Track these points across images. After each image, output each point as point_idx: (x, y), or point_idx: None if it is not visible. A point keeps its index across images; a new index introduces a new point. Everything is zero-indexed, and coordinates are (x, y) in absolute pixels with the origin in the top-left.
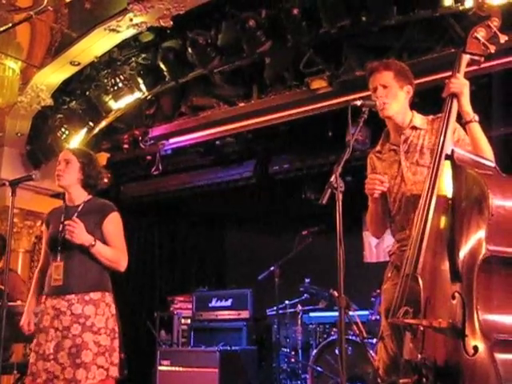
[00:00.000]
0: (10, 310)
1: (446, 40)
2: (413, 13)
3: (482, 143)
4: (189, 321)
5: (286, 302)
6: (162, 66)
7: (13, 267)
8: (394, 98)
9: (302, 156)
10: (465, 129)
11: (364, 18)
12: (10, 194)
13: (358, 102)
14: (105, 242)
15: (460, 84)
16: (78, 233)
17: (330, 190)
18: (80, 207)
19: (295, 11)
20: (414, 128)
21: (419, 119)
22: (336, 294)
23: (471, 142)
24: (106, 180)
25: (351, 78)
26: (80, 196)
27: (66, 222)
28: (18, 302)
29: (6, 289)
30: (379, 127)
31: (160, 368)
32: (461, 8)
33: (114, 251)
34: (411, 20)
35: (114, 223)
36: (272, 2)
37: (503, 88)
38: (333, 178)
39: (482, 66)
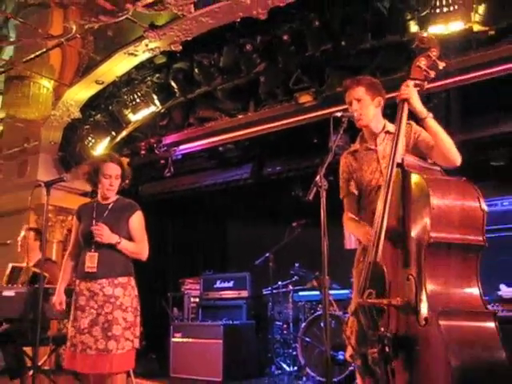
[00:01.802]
0: (47, 291)
1: (413, 60)
2: (384, 38)
3: (441, 135)
4: (197, 299)
5: (279, 282)
6: (173, 84)
7: (48, 255)
8: (367, 109)
9: (292, 159)
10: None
11: (343, 43)
12: (45, 193)
13: (339, 114)
14: (130, 235)
15: (409, 90)
16: (105, 235)
17: (315, 188)
18: (110, 206)
19: (285, 37)
20: (388, 132)
21: (391, 126)
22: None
23: (431, 136)
24: (127, 181)
25: (333, 93)
26: (111, 197)
27: (92, 228)
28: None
29: (42, 273)
30: (356, 134)
31: (173, 340)
32: (425, 34)
33: (135, 245)
34: (383, 44)
35: (138, 220)
36: (266, 30)
37: (460, 101)
38: (318, 178)
39: (441, 83)
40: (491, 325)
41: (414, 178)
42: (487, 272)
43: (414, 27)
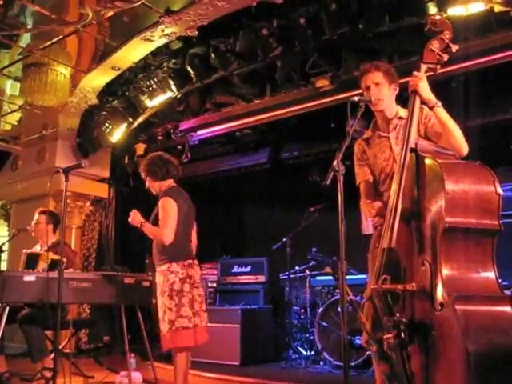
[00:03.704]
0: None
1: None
2: (402, 20)
3: (450, 124)
4: (215, 284)
5: (296, 267)
6: (190, 69)
7: (67, 241)
8: (384, 94)
9: (309, 144)
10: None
11: (361, 26)
12: (64, 179)
13: (356, 98)
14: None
15: (416, 81)
16: (132, 218)
17: (332, 173)
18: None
19: (302, 21)
20: (400, 118)
21: (403, 111)
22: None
23: (439, 124)
24: None
25: (350, 77)
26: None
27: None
28: (70, 270)
29: (61, 258)
30: (373, 119)
31: None
32: (444, 15)
33: (154, 229)
34: (401, 26)
35: (160, 206)
36: (282, 14)
37: (479, 84)
38: (335, 163)
39: (460, 65)
40: (508, 309)
41: (428, 163)
42: (506, 257)
43: (432, 9)
